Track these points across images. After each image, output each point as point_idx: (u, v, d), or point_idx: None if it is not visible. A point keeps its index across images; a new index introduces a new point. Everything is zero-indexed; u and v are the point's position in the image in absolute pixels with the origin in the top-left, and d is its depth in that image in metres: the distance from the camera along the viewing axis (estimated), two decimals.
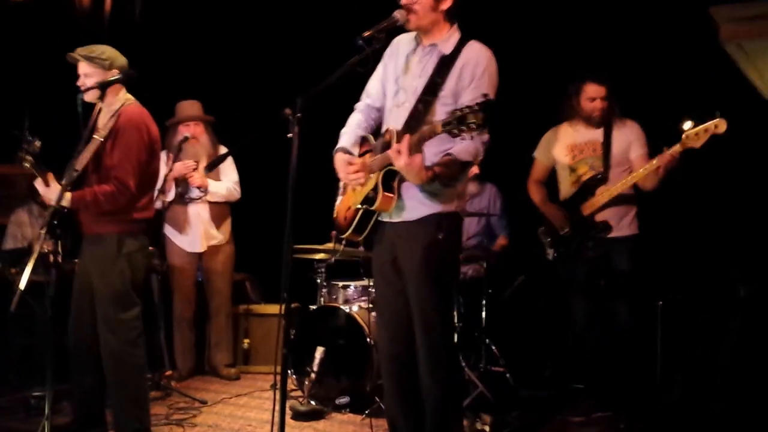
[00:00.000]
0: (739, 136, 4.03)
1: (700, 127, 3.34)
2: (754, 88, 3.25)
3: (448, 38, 2.73)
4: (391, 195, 2.66)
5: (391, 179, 2.66)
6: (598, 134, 3.81)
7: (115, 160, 3.16)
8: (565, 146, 3.90)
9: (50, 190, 3.11)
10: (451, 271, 2.84)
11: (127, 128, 3.19)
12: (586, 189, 3.77)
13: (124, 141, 3.17)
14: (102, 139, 3.17)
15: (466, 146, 2.58)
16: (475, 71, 2.65)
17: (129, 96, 3.34)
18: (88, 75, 3.25)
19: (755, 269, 3.91)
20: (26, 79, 5.72)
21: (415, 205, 2.71)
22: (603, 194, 3.70)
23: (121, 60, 3.32)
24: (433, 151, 2.61)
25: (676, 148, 3.44)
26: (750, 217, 4.19)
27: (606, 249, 3.74)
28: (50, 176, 3.12)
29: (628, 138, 3.75)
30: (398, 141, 2.54)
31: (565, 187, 3.94)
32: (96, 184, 3.15)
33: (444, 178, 2.61)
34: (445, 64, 2.70)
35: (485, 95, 2.37)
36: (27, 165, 3.10)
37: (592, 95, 3.77)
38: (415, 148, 2.53)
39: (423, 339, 2.72)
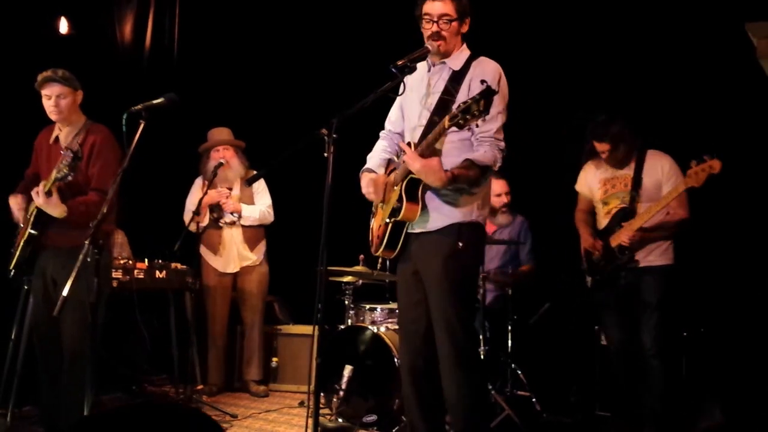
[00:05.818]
0: None
1: (698, 166, 3.41)
2: None
3: (458, 55, 2.88)
4: (416, 203, 2.74)
5: (414, 188, 2.75)
6: (629, 169, 3.86)
7: (96, 172, 3.35)
8: (598, 180, 3.96)
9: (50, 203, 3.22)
10: (471, 280, 2.89)
11: (105, 143, 3.42)
12: (615, 221, 3.83)
13: (104, 154, 3.39)
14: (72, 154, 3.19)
15: (484, 152, 2.70)
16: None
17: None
18: (62, 95, 3.42)
19: None
20: None
21: (437, 216, 2.79)
22: (627, 227, 3.73)
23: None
24: (453, 161, 2.71)
25: (680, 186, 3.52)
26: None
27: (637, 278, 3.76)
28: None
29: (658, 174, 3.76)
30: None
31: (600, 218, 4.00)
32: (69, 196, 3.28)
33: (463, 180, 2.69)
34: (455, 79, 2.82)
35: (483, 81, 2.42)
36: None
37: (602, 150, 3.85)
38: (430, 150, 2.64)
39: (447, 348, 2.74)
